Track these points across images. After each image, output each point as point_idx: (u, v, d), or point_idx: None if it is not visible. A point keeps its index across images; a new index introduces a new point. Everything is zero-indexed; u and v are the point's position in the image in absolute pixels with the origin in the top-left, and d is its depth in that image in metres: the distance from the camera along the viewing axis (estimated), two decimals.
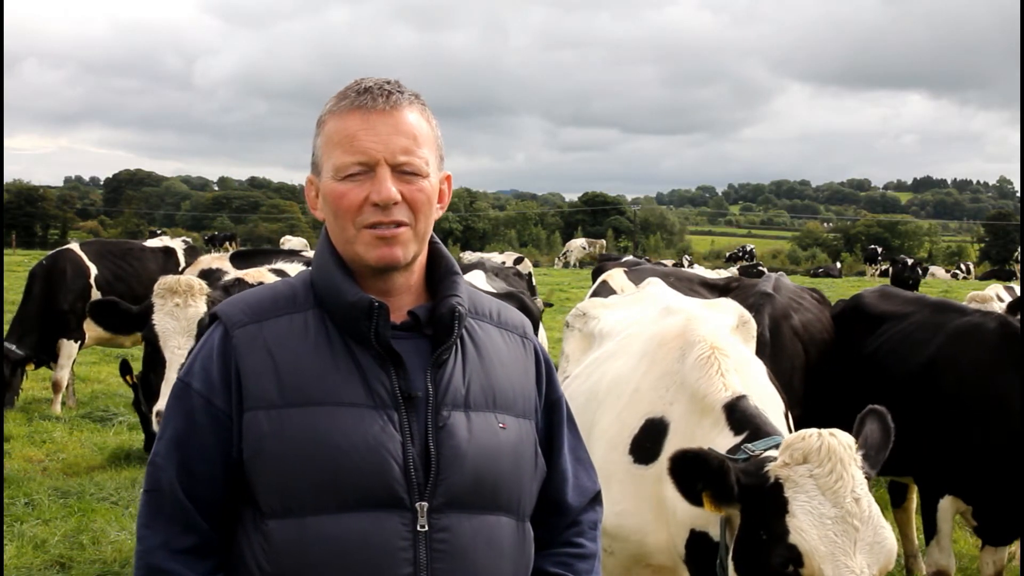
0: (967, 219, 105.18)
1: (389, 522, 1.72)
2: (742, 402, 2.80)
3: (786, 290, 5.99)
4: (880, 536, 2.30)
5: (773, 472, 2.37)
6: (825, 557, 2.25)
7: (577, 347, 4.15)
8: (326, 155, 1.84)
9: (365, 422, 1.74)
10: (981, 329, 4.96)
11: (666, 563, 3.03)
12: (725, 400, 2.82)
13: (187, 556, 1.75)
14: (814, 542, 2.26)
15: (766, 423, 2.73)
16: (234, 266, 6.93)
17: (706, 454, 2.41)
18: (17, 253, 33.26)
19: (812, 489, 2.31)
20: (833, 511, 2.28)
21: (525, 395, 1.94)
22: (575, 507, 2.03)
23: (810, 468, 2.32)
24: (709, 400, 2.85)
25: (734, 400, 2.81)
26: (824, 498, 2.30)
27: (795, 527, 2.28)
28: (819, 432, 2.39)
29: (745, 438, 2.67)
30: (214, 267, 7.00)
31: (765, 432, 2.66)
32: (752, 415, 2.75)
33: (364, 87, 1.83)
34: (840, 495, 2.29)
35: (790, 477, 2.34)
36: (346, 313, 1.80)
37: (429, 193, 1.84)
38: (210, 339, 1.83)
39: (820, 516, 2.28)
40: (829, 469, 2.31)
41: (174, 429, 1.79)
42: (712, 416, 2.82)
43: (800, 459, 2.34)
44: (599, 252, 41.30)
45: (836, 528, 2.27)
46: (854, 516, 2.28)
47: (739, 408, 2.78)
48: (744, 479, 2.40)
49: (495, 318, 1.99)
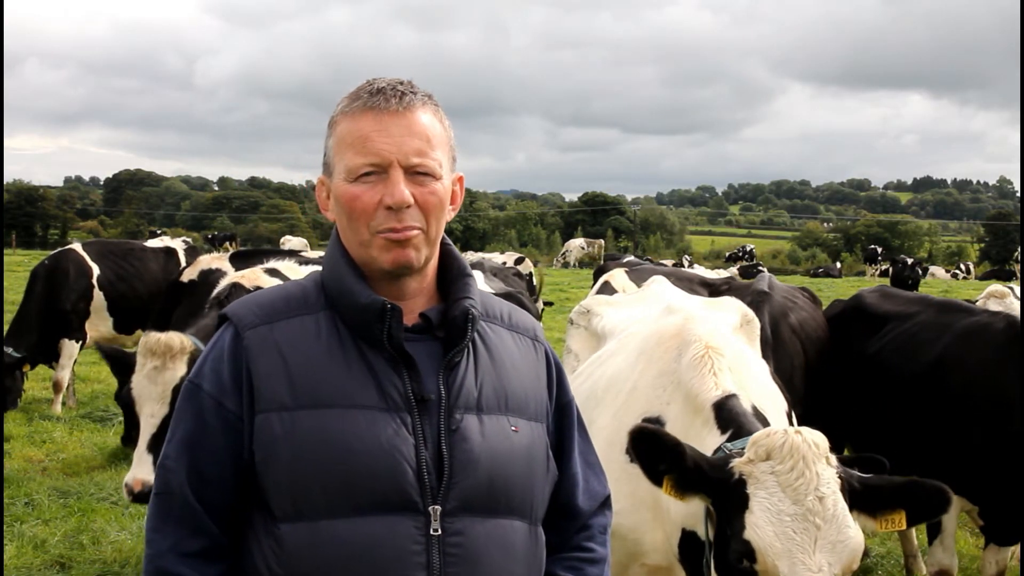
0: (967, 219, 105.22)
1: (402, 526, 1.71)
2: (730, 401, 2.80)
3: (780, 289, 5.99)
4: (844, 535, 2.27)
5: (737, 468, 2.38)
6: (781, 553, 2.24)
7: (584, 345, 4.15)
8: (338, 156, 1.82)
9: (378, 425, 1.73)
10: (989, 329, 4.95)
11: (661, 563, 3.04)
12: (714, 399, 2.82)
13: (197, 560, 1.74)
14: (769, 539, 2.26)
15: (750, 422, 2.72)
16: (234, 266, 6.91)
17: (662, 432, 2.42)
18: (17, 253, 33.24)
19: (773, 486, 2.31)
20: (793, 508, 2.28)
21: (537, 398, 1.93)
22: (585, 511, 2.03)
23: (772, 465, 2.33)
24: (700, 399, 2.86)
25: (723, 399, 2.81)
26: (784, 495, 2.29)
27: (751, 523, 2.29)
28: (784, 429, 2.39)
29: (728, 437, 2.67)
30: (213, 267, 6.98)
31: (747, 431, 2.65)
32: (737, 414, 2.74)
33: (377, 88, 1.81)
34: (801, 492, 2.29)
35: (752, 473, 2.35)
36: (359, 315, 1.78)
37: (442, 196, 1.83)
38: (220, 340, 1.81)
39: (778, 513, 2.28)
40: (791, 466, 2.31)
41: (184, 431, 1.78)
42: (703, 415, 2.82)
43: (763, 456, 2.35)
44: (598, 252, 41.28)
45: (796, 525, 2.26)
46: (816, 514, 2.27)
47: (727, 407, 2.78)
48: (712, 473, 2.40)
49: (506, 320, 1.98)
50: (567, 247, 43.84)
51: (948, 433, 4.81)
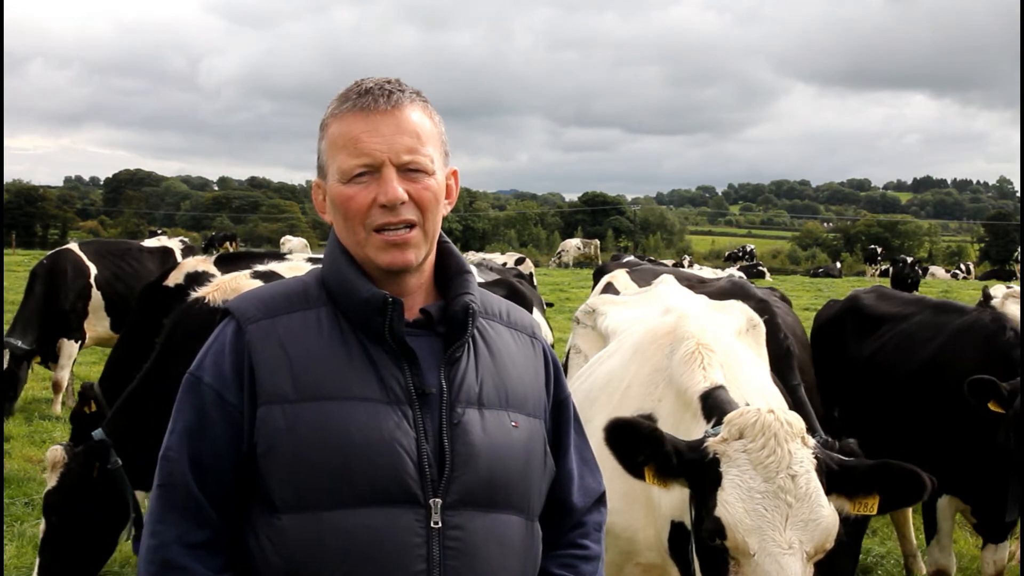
0: (967, 219, 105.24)
1: (403, 518, 1.72)
2: (717, 391, 2.82)
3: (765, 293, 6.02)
4: (816, 514, 2.28)
5: (711, 447, 2.40)
6: (751, 530, 2.25)
7: (592, 344, 4.16)
8: (331, 159, 1.84)
9: (380, 418, 1.74)
10: (977, 326, 5.02)
11: (655, 560, 3.05)
12: (701, 390, 2.84)
13: (201, 550, 1.74)
14: (739, 515, 2.27)
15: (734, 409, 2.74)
16: (219, 269, 6.89)
17: (637, 422, 2.44)
18: (17, 253, 33.24)
19: (744, 463, 2.33)
20: (764, 486, 2.29)
21: (535, 394, 1.95)
22: (580, 508, 2.04)
23: (744, 443, 2.35)
24: (689, 393, 2.88)
25: (710, 390, 2.83)
26: (755, 472, 2.31)
27: (721, 500, 2.30)
28: (758, 408, 2.41)
29: (712, 424, 2.69)
30: (199, 270, 6.93)
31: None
32: (723, 402, 2.75)
33: (365, 88, 1.83)
34: (772, 470, 2.30)
35: (725, 452, 2.37)
36: (360, 309, 1.79)
37: (436, 191, 1.84)
38: (222, 334, 1.82)
39: (749, 490, 2.29)
40: (762, 444, 2.32)
41: (185, 423, 1.79)
42: (692, 408, 2.84)
43: (736, 434, 2.37)
44: (594, 252, 41.26)
45: (767, 503, 2.27)
46: (787, 492, 2.28)
47: (712, 396, 2.80)
48: (687, 455, 2.42)
49: (505, 318, 1.99)
50: (563, 247, 43.83)
51: (941, 431, 4.84)
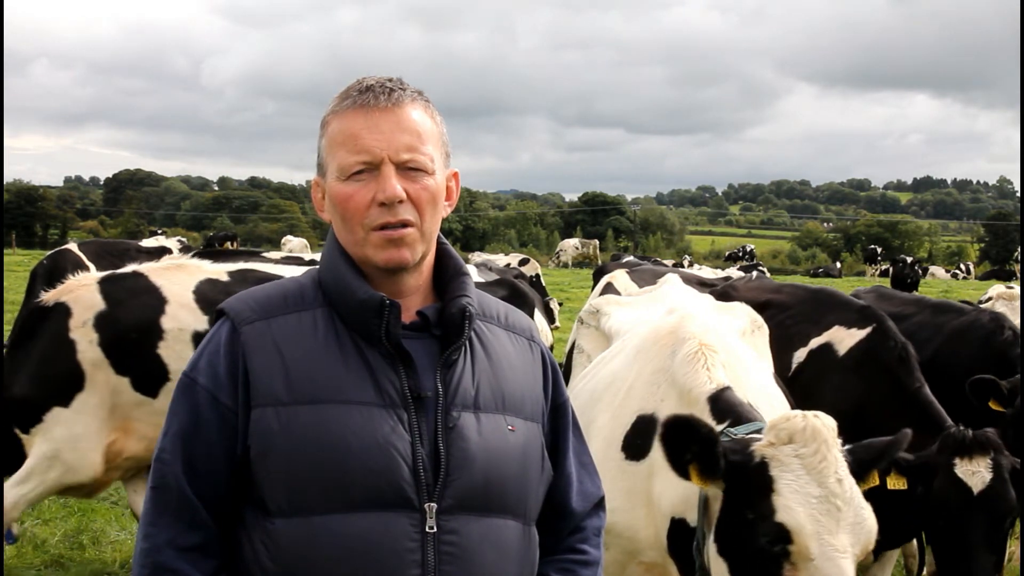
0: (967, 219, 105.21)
1: (398, 523, 1.71)
2: (726, 393, 2.83)
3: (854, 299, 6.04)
4: (861, 516, 2.31)
5: (759, 451, 2.39)
6: (811, 535, 2.26)
7: (595, 345, 4.16)
8: (330, 156, 1.83)
9: (375, 421, 1.73)
10: (976, 326, 5.04)
11: (657, 560, 3.05)
12: (709, 392, 2.85)
13: (193, 554, 1.73)
14: (802, 519, 2.27)
15: (749, 411, 2.76)
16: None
17: (696, 420, 2.43)
18: (17, 253, 33.22)
19: (798, 468, 2.33)
20: (818, 491, 2.30)
21: (533, 398, 1.93)
22: (579, 512, 2.02)
23: (795, 448, 2.34)
24: (694, 393, 2.89)
25: (718, 392, 2.84)
26: (810, 478, 2.32)
27: (782, 505, 2.30)
28: (804, 413, 2.41)
29: (728, 424, 2.69)
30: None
31: (748, 418, 2.70)
32: (735, 403, 2.78)
33: (365, 86, 1.82)
34: (825, 475, 2.31)
35: (776, 456, 2.36)
36: (356, 311, 1.78)
37: (434, 190, 1.83)
38: (217, 335, 1.81)
39: (806, 495, 2.30)
40: (814, 449, 2.33)
41: (179, 424, 1.77)
42: (697, 408, 2.84)
43: (786, 439, 2.36)
44: (592, 252, 41.22)
45: (820, 507, 2.29)
46: (837, 496, 2.30)
47: (723, 398, 2.82)
48: (731, 457, 2.41)
49: (503, 320, 1.98)
50: (561, 247, 43.76)
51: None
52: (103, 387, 4.71)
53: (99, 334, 4.72)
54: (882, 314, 4.91)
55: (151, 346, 4.78)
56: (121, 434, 4.77)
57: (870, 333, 4.80)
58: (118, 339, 4.74)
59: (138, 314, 4.82)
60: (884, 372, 4.61)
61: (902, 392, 4.51)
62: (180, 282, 4.97)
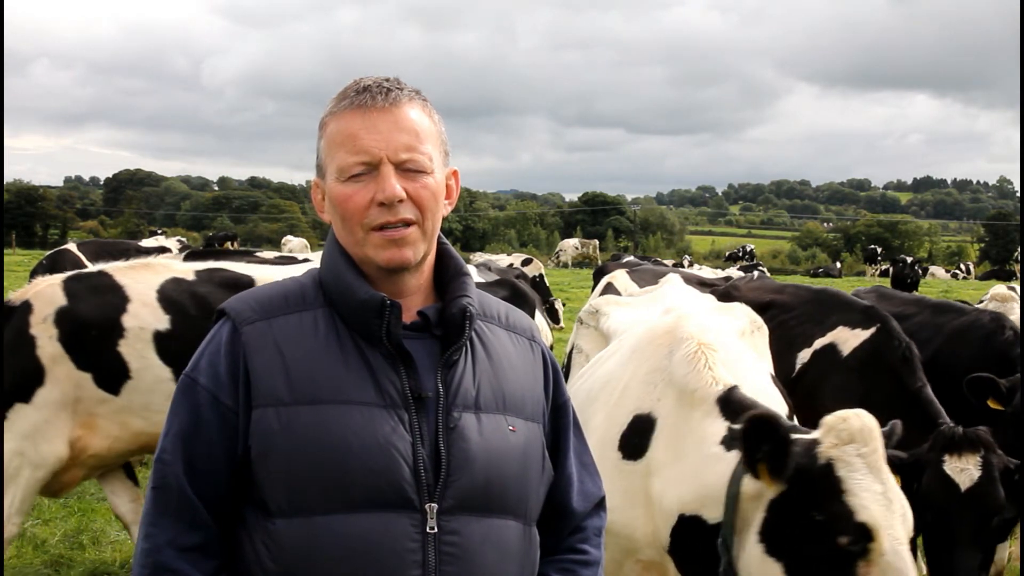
0: (967, 219, 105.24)
1: (398, 523, 1.71)
2: (735, 392, 2.86)
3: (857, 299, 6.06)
4: (904, 508, 2.41)
5: (824, 453, 2.42)
6: (884, 529, 2.34)
7: (594, 345, 4.17)
8: (329, 157, 1.83)
9: (375, 422, 1.73)
10: (976, 326, 5.05)
11: (654, 558, 3.07)
12: (717, 393, 2.88)
13: (194, 554, 1.73)
14: (879, 516, 2.34)
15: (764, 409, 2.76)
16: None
17: (777, 419, 2.47)
18: (17, 253, 33.23)
19: (863, 467, 2.39)
20: (879, 487, 2.39)
21: (534, 398, 1.93)
22: (580, 512, 2.02)
23: (857, 448, 2.41)
24: (700, 394, 2.90)
25: (726, 392, 2.87)
26: (873, 476, 2.39)
27: (859, 505, 2.35)
28: (855, 413, 2.46)
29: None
30: None
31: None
32: (747, 403, 2.80)
33: (363, 86, 1.82)
34: (883, 472, 2.41)
35: (841, 457, 2.41)
36: (357, 311, 1.78)
37: (434, 189, 1.83)
38: (218, 335, 1.81)
39: (874, 492, 2.38)
40: (873, 448, 2.40)
41: (180, 425, 1.77)
42: (704, 407, 2.86)
43: (847, 439, 2.41)
44: (592, 252, 41.22)
45: (883, 502, 2.37)
46: (890, 491, 2.39)
47: (733, 398, 2.84)
48: (796, 458, 2.44)
49: (503, 321, 1.98)
50: (561, 247, 43.76)
51: None
52: (64, 382, 4.70)
53: (59, 329, 4.71)
54: (886, 314, 4.91)
55: (112, 343, 4.76)
56: (86, 431, 4.76)
57: (874, 333, 4.81)
58: (78, 335, 4.73)
59: (99, 311, 4.80)
60: (888, 372, 4.62)
61: (905, 392, 4.52)
62: (144, 281, 4.96)
